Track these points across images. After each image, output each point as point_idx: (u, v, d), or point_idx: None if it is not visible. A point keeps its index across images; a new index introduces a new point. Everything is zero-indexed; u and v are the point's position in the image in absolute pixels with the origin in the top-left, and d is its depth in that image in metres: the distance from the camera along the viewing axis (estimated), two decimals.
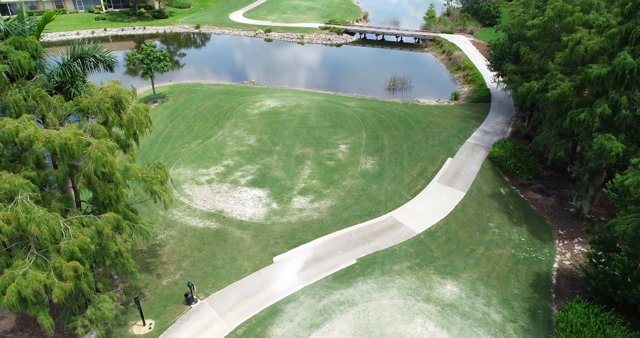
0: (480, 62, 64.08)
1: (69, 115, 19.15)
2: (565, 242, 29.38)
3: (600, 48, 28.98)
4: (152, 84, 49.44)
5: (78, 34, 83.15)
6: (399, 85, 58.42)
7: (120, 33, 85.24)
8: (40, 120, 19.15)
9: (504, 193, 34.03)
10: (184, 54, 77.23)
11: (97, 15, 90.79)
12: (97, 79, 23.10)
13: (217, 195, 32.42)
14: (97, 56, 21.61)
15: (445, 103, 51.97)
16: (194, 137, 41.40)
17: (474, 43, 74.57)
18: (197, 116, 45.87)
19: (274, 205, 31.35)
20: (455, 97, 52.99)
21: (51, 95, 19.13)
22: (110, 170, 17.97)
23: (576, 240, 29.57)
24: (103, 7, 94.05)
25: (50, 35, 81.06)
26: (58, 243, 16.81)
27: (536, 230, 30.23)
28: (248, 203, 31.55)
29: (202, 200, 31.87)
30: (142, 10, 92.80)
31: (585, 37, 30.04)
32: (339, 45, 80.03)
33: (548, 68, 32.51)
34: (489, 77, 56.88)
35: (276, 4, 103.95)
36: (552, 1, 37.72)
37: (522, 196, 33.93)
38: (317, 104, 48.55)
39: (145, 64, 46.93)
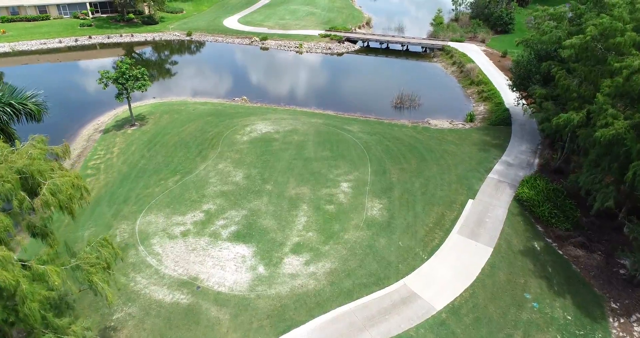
0: (495, 75, 58.31)
1: None
2: (622, 321, 23.64)
3: None
4: (129, 105, 43.77)
5: (60, 42, 77.64)
6: (406, 103, 52.68)
7: (106, 41, 79.64)
8: None
9: (538, 248, 28.28)
10: (175, 62, 71.63)
11: (82, 21, 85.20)
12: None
13: (192, 254, 26.72)
14: (15, 104, 15.91)
15: (460, 126, 46.21)
16: (172, 171, 35.71)
17: (487, 53, 68.79)
18: (178, 144, 40.19)
19: (261, 269, 25.63)
20: (471, 118, 47.25)
21: None
22: (9, 287, 12.33)
23: (634, 317, 23.84)
24: (89, 13, 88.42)
25: (30, 44, 75.79)
26: None
27: (583, 302, 24.50)
28: (229, 266, 25.84)
29: (174, 261, 26.17)
30: (131, 15, 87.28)
31: None
32: (340, 54, 74.34)
33: (596, 100, 26.73)
34: (508, 95, 51.15)
35: (274, 9, 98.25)
36: (592, 15, 32.04)
37: (560, 252, 28.19)
38: (316, 128, 42.83)
39: (120, 84, 41.27)
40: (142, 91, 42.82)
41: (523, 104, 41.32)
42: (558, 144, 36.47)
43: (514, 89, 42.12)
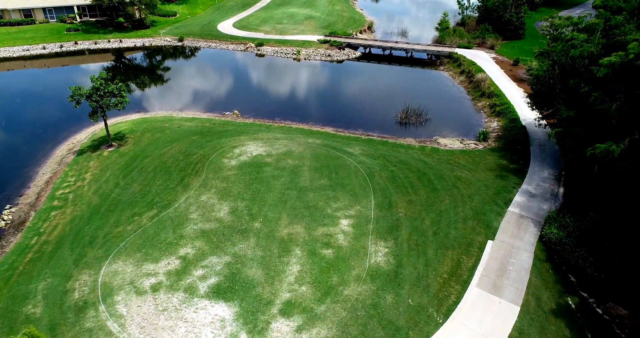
0: (508, 87, 54.00)
1: None
2: None
3: None
4: (106, 124, 39.40)
5: (44, 48, 73.46)
6: (412, 118, 48.31)
7: (93, 47, 75.46)
8: None
9: (573, 306, 23.92)
10: (164, 71, 67.20)
11: (69, 25, 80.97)
12: None
13: (162, 316, 22.38)
14: None
15: (472, 145, 41.82)
16: (149, 204, 31.39)
17: (497, 61, 64.46)
18: (158, 169, 35.88)
19: None
20: (484, 137, 42.84)
21: None
22: None
23: None
24: (77, 17, 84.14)
25: (12, 50, 71.61)
26: None
27: None
28: (205, 333, 21.50)
29: (139, 327, 21.83)
30: (121, 19, 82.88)
31: None
32: (340, 61, 70.00)
33: None
34: (523, 109, 46.86)
35: (271, 12, 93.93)
36: (631, 28, 27.65)
37: (599, 310, 23.84)
38: (312, 150, 38.48)
39: (94, 101, 36.97)
40: (119, 109, 38.46)
41: (545, 125, 36.89)
42: (587, 174, 32.06)
43: (534, 107, 37.72)
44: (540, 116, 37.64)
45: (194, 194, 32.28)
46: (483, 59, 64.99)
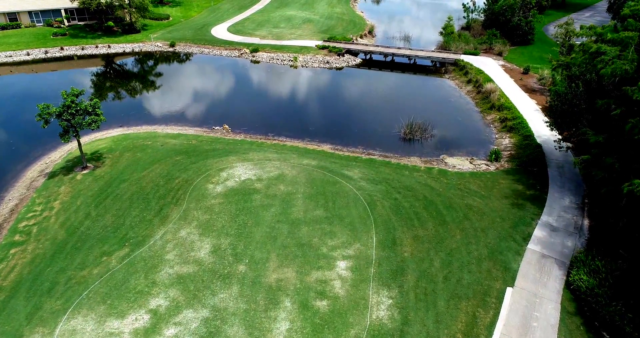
0: (519, 98, 50.30)
1: None
2: None
3: None
4: (79, 145, 35.72)
5: (28, 54, 69.72)
6: (417, 133, 44.56)
7: (79, 53, 71.72)
8: None
9: None
10: (152, 80, 63.40)
11: (56, 29, 77.27)
12: None
13: None
14: None
15: (484, 166, 38.08)
16: (120, 241, 27.72)
17: (506, 69, 60.74)
18: (135, 197, 32.21)
19: None
20: (496, 156, 39.07)
21: None
22: None
23: None
24: (65, 20, 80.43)
25: None
26: None
27: None
28: None
29: None
30: (110, 23, 79.15)
31: None
32: (339, 68, 66.28)
33: None
34: (537, 125, 43.20)
35: (268, 15, 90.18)
36: None
37: None
38: (307, 174, 34.79)
39: (65, 120, 33.30)
40: (93, 128, 34.75)
41: (567, 148, 33.08)
42: (614, 206, 28.34)
43: (554, 128, 33.99)
44: (560, 137, 33.89)
45: (173, 229, 28.60)
46: (491, 66, 61.25)
